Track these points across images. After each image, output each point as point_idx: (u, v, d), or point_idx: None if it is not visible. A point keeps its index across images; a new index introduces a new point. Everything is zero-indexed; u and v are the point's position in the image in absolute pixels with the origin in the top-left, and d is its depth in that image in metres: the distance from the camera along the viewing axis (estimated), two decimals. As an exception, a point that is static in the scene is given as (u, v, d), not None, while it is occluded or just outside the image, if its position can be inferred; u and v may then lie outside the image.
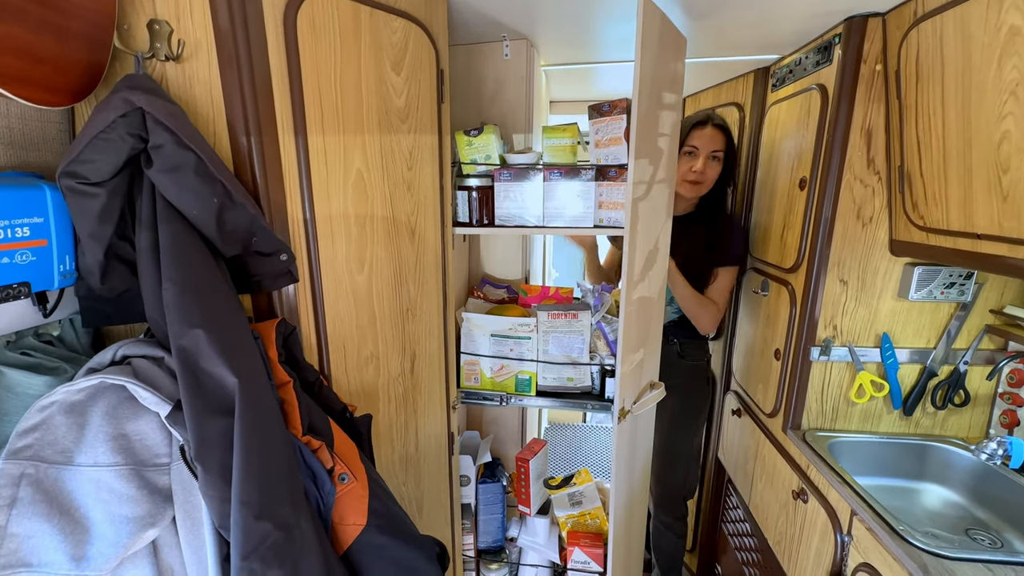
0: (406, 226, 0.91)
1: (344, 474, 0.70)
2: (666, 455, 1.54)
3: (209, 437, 0.54)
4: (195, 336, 0.55)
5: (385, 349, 0.91)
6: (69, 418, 0.55)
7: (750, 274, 1.51)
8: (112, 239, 0.60)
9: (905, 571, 0.84)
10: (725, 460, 1.68)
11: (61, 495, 0.53)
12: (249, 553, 0.53)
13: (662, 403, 1.49)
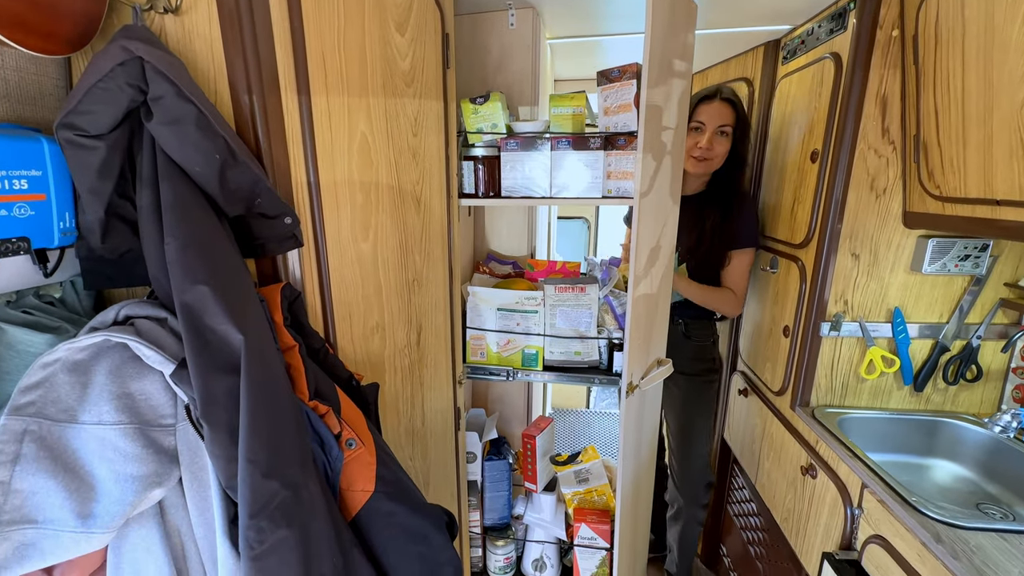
0: (412, 195, 0.89)
1: (352, 440, 0.69)
2: (683, 439, 1.50)
3: (215, 395, 0.53)
4: (199, 292, 0.53)
5: (391, 320, 0.90)
6: (72, 376, 0.54)
7: (759, 251, 1.49)
8: (112, 197, 0.59)
9: (918, 540, 0.83)
10: (731, 441, 1.67)
11: (65, 453, 0.52)
12: (257, 512, 0.53)
13: (671, 387, 1.48)
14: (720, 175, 1.38)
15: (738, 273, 1.37)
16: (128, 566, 0.55)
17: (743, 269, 1.37)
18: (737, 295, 1.37)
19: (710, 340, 1.50)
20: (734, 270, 1.37)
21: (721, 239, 1.34)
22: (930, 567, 0.80)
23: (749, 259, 1.37)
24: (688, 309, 1.44)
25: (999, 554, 0.76)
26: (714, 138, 1.30)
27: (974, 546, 0.78)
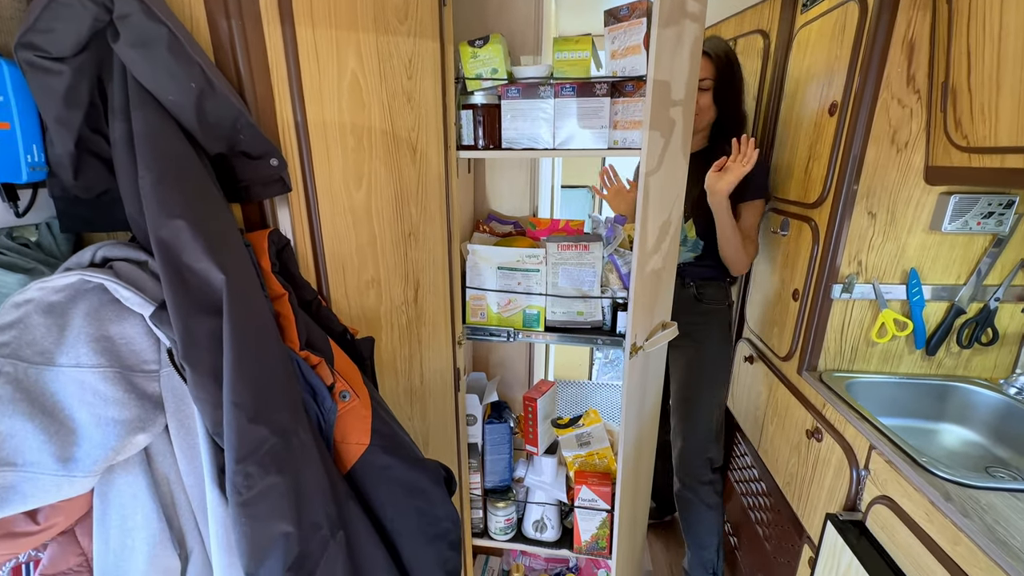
0: (407, 142, 0.85)
1: (345, 391, 0.67)
2: (685, 410, 1.45)
3: (197, 337, 0.51)
4: (176, 227, 0.50)
5: (387, 275, 0.86)
6: (48, 319, 0.51)
7: (769, 215, 1.44)
8: (83, 130, 0.55)
9: (926, 500, 0.81)
10: (734, 409, 1.65)
11: (43, 396, 0.49)
12: (245, 457, 0.51)
13: (678, 353, 1.43)
14: (719, 129, 1.34)
15: (750, 225, 1.33)
16: (115, 513, 0.53)
17: (754, 221, 1.33)
18: (752, 251, 1.34)
19: (724, 303, 1.43)
20: (748, 224, 1.32)
21: None
22: (939, 526, 0.78)
23: (759, 211, 1.34)
24: (700, 269, 1.38)
25: (1012, 512, 0.75)
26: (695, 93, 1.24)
27: (985, 504, 0.76)
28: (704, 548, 1.51)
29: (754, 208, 1.32)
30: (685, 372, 1.45)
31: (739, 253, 1.30)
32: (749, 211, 1.32)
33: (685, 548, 1.58)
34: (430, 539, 0.74)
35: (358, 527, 0.66)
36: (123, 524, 0.53)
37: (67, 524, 0.52)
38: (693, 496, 1.48)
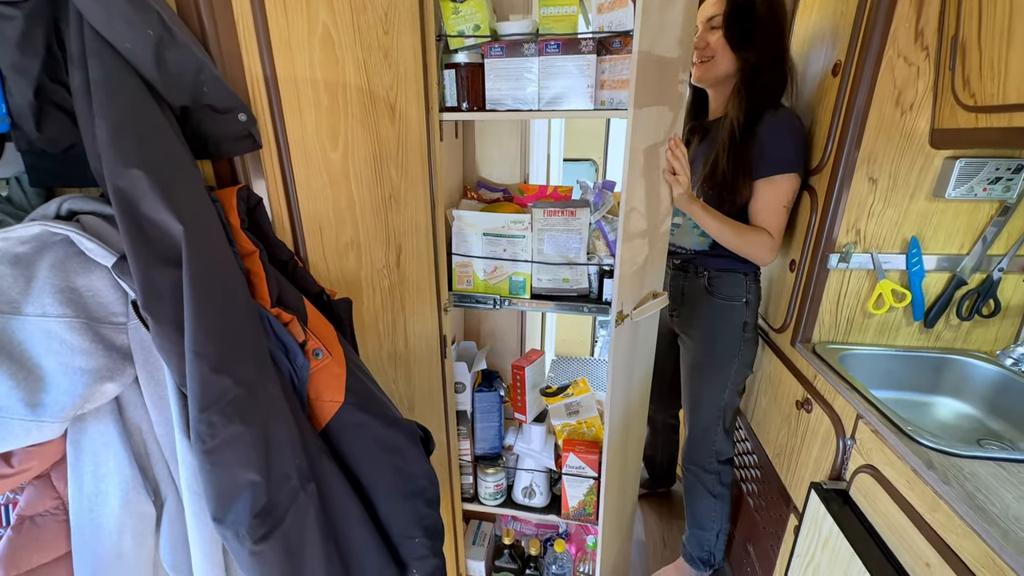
0: (385, 102, 0.83)
1: (318, 350, 0.67)
2: (689, 403, 1.40)
3: (158, 288, 0.51)
4: (132, 177, 0.49)
5: (367, 238, 0.86)
6: (15, 269, 0.52)
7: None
8: (42, 79, 0.54)
9: (908, 467, 0.80)
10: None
11: (11, 344, 0.50)
12: (208, 406, 0.51)
13: (685, 346, 1.36)
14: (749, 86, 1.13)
15: (769, 207, 1.12)
16: (88, 459, 0.55)
17: (775, 202, 1.12)
18: (774, 237, 1.13)
19: (741, 300, 1.24)
20: (763, 204, 1.12)
21: (735, 162, 1.12)
22: (919, 493, 0.78)
23: (784, 189, 1.12)
24: (713, 258, 1.24)
25: (994, 480, 0.73)
26: (706, 33, 1.12)
27: (968, 473, 0.75)
28: (703, 530, 1.50)
29: (771, 187, 1.12)
30: (690, 369, 1.37)
31: (747, 247, 1.13)
32: (764, 190, 1.13)
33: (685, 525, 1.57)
34: (407, 496, 0.75)
35: (332, 481, 0.67)
36: (96, 470, 0.55)
37: (41, 469, 0.54)
38: (696, 481, 1.45)
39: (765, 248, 1.15)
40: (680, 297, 1.35)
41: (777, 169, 1.13)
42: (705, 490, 1.45)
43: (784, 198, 1.14)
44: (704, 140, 1.29)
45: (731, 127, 1.15)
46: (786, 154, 1.12)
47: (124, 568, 0.56)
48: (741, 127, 1.14)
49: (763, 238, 1.14)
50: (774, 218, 1.14)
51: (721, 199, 1.19)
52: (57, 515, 0.55)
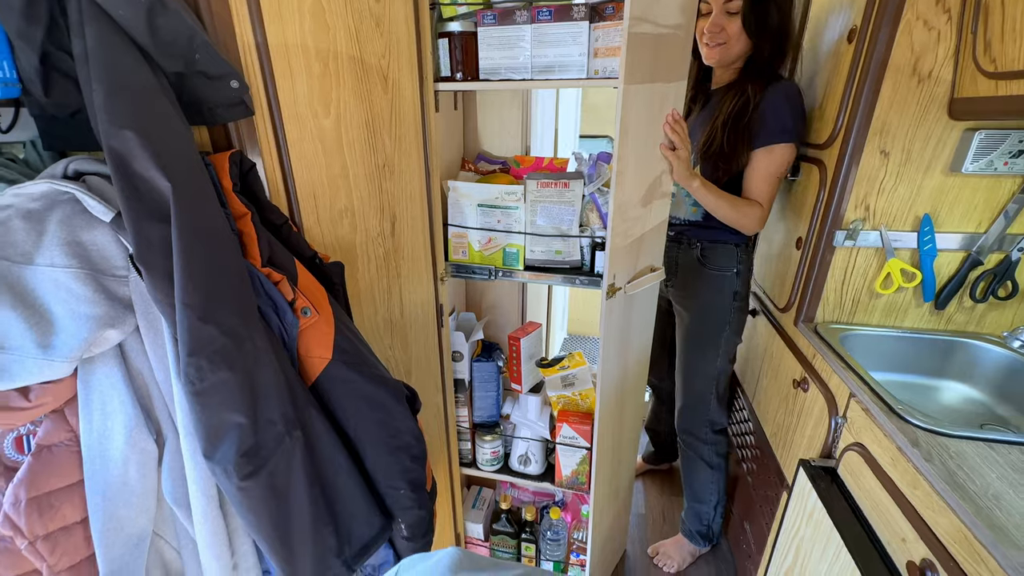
0: (377, 70, 0.84)
1: (307, 308, 0.71)
2: (683, 374, 1.42)
3: (150, 241, 0.55)
4: (124, 137, 0.53)
5: (361, 205, 0.89)
6: (28, 224, 0.57)
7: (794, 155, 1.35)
8: (47, 46, 0.58)
9: (894, 445, 0.79)
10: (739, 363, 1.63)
11: (24, 291, 0.56)
12: (195, 352, 0.56)
13: (680, 317, 1.39)
14: (752, 62, 1.16)
15: (759, 177, 1.14)
16: (96, 398, 0.60)
17: (767, 172, 1.14)
18: (763, 206, 1.15)
19: (732, 270, 1.27)
20: (755, 173, 1.14)
21: (736, 133, 1.13)
22: (901, 470, 0.77)
23: (778, 159, 1.13)
24: (705, 230, 1.26)
25: (980, 460, 0.72)
26: (722, 18, 1.10)
27: (954, 452, 0.74)
28: (701, 503, 1.52)
29: (767, 156, 1.13)
30: (684, 338, 1.40)
31: (740, 218, 1.15)
32: (759, 160, 1.14)
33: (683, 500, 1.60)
34: (392, 450, 0.79)
35: (319, 430, 0.71)
36: (103, 409, 0.61)
37: (56, 404, 0.60)
38: (693, 453, 1.47)
39: (755, 218, 1.17)
40: (674, 268, 1.36)
41: (776, 139, 1.13)
42: (702, 461, 1.47)
43: (779, 168, 1.15)
44: (705, 108, 1.26)
45: (739, 99, 1.15)
46: (785, 124, 1.12)
47: (130, 496, 0.62)
48: (751, 100, 1.14)
49: (754, 209, 1.16)
50: (767, 187, 1.16)
51: (716, 168, 1.19)
52: (71, 446, 0.61)
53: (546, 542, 1.44)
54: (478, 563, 0.38)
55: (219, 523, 0.66)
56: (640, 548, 1.72)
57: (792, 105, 1.13)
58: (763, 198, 1.16)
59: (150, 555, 0.67)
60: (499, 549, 1.48)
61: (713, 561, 1.65)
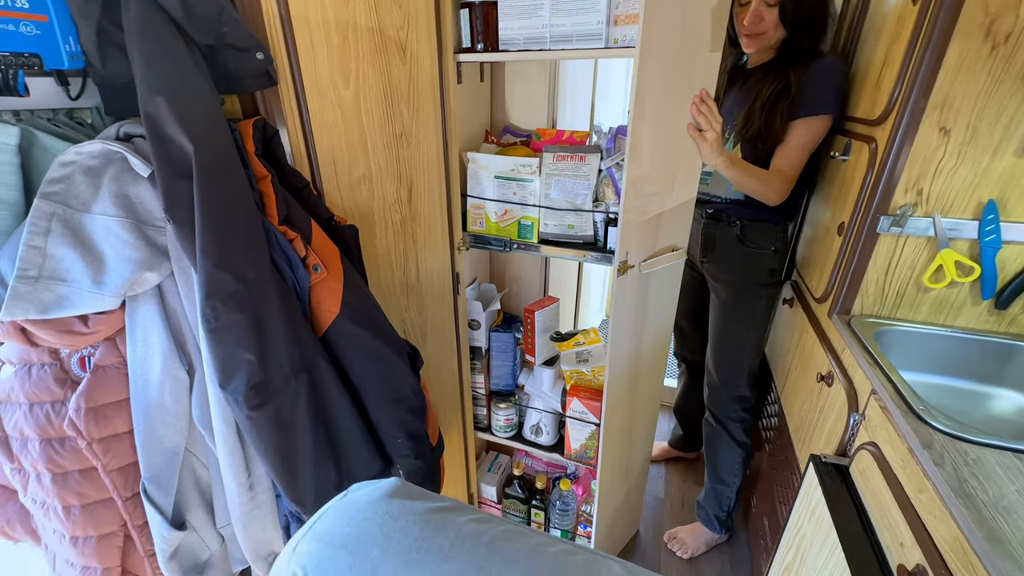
0: (395, 42, 0.88)
1: (318, 265, 0.78)
2: (715, 348, 1.42)
3: (177, 195, 0.63)
4: (157, 103, 0.61)
5: (379, 172, 0.94)
6: (87, 178, 0.67)
7: (834, 137, 1.24)
8: (103, 21, 0.67)
9: (906, 446, 0.74)
10: (769, 354, 1.55)
11: (83, 235, 0.66)
12: (211, 294, 0.64)
13: (716, 294, 1.38)
14: (791, 38, 1.13)
15: (791, 146, 1.13)
16: (139, 330, 0.71)
17: (801, 142, 1.13)
18: (784, 175, 1.14)
19: (770, 248, 1.28)
20: (788, 142, 1.13)
21: (776, 111, 1.12)
22: (910, 473, 0.72)
23: (815, 131, 1.12)
24: (746, 208, 1.26)
25: (1002, 471, 0.66)
26: (760, 9, 1.08)
27: (973, 459, 0.68)
28: (724, 485, 1.50)
29: (805, 127, 1.12)
30: (718, 314, 1.40)
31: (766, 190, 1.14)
32: (798, 129, 1.13)
33: (705, 482, 1.58)
34: (392, 401, 0.86)
35: (325, 376, 0.79)
36: (144, 340, 0.71)
37: (108, 333, 0.71)
38: (721, 429, 1.46)
39: (777, 187, 1.15)
40: (712, 245, 1.34)
41: (815, 110, 1.11)
42: (729, 438, 1.45)
43: (813, 140, 1.14)
44: (743, 87, 1.20)
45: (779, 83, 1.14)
46: (827, 95, 1.11)
47: (166, 416, 0.73)
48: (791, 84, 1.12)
49: (778, 178, 1.14)
50: (796, 156, 1.14)
51: (755, 147, 1.18)
52: (120, 369, 0.73)
53: (555, 511, 1.48)
54: (412, 493, 0.43)
55: (236, 447, 0.76)
56: (654, 531, 1.72)
57: (836, 77, 1.12)
58: (787, 167, 1.14)
59: (183, 468, 0.78)
60: (510, 512, 1.55)
61: (728, 552, 1.62)
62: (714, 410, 1.48)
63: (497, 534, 0.38)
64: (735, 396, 1.41)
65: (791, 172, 1.15)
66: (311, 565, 0.37)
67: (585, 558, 0.36)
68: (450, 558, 0.35)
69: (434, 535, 0.37)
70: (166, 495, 0.75)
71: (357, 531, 0.39)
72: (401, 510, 0.40)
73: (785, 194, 1.16)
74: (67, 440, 0.71)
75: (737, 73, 1.28)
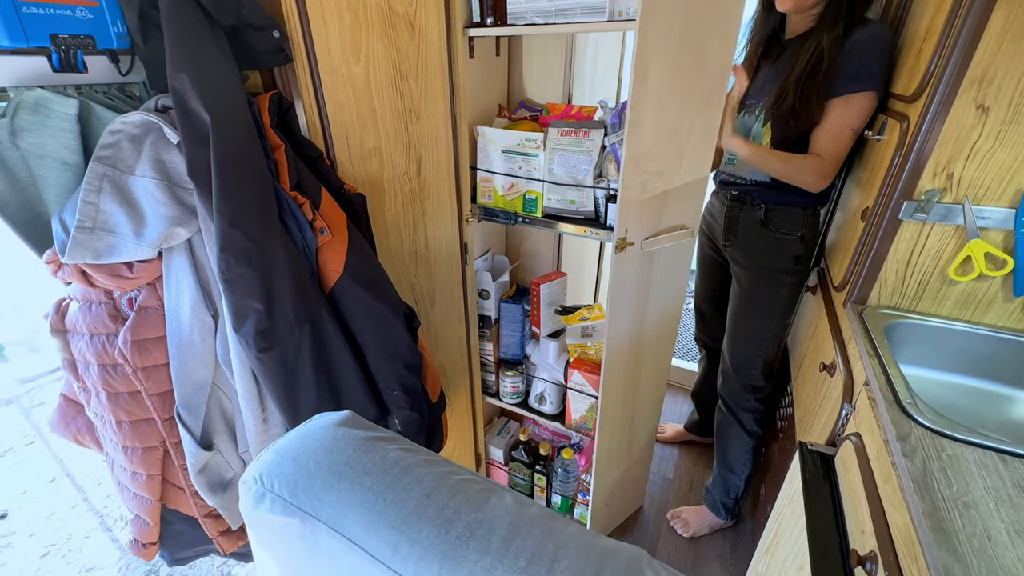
0: (404, 18, 0.92)
1: (324, 228, 0.86)
2: (732, 334, 1.38)
3: (198, 161, 0.72)
4: (181, 79, 0.69)
5: (388, 145, 1.00)
6: (132, 144, 0.78)
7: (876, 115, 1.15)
8: (144, 6, 0.76)
9: (883, 437, 0.73)
10: (791, 342, 1.50)
11: (127, 193, 0.77)
12: (224, 248, 0.73)
13: (736, 279, 1.34)
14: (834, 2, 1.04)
15: (835, 128, 1.04)
16: (173, 279, 0.83)
17: (840, 123, 1.03)
18: (825, 160, 1.06)
19: (796, 234, 1.21)
20: (829, 125, 1.04)
21: (814, 85, 1.03)
22: (881, 463, 0.71)
23: (856, 109, 1.02)
24: (772, 191, 1.19)
25: (977, 469, 0.64)
26: None
27: (948, 454, 0.66)
28: (732, 473, 1.50)
29: (843, 107, 1.03)
30: (738, 299, 1.36)
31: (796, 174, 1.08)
32: (836, 110, 1.04)
33: (713, 468, 1.57)
34: (388, 356, 0.94)
35: (328, 329, 0.88)
36: (177, 286, 0.83)
37: (149, 279, 0.83)
38: (732, 418, 1.44)
39: (814, 172, 1.07)
40: (735, 228, 1.29)
41: (856, 86, 1.02)
42: (740, 427, 1.43)
43: (856, 120, 1.04)
44: (779, 60, 1.12)
45: (815, 52, 1.04)
46: (870, 69, 1.01)
47: (195, 352, 0.85)
48: (832, 49, 1.03)
49: (812, 162, 1.07)
50: (836, 140, 1.05)
51: (787, 127, 1.10)
52: (159, 310, 0.85)
53: (557, 478, 1.55)
54: (359, 424, 0.49)
55: (252, 385, 0.87)
56: (659, 508, 1.75)
57: (882, 49, 1.01)
58: (828, 151, 1.06)
59: (211, 399, 0.91)
60: (515, 475, 1.63)
61: (731, 536, 1.62)
62: (726, 398, 1.45)
63: (416, 461, 0.44)
64: (748, 385, 1.38)
65: (830, 157, 1.06)
66: (265, 470, 0.45)
67: (482, 487, 0.42)
68: (367, 473, 0.42)
69: (362, 456, 0.44)
70: (196, 420, 0.88)
71: (304, 447, 0.46)
72: (344, 435, 0.47)
73: (824, 180, 1.09)
74: (119, 366, 0.85)
75: (773, 44, 1.18)
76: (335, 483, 0.42)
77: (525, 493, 1.66)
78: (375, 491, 0.40)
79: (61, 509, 1.81)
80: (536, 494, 1.63)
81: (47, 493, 1.89)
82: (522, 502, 0.41)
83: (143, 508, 0.94)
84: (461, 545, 0.36)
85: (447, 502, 0.39)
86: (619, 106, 1.01)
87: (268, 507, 0.44)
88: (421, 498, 0.40)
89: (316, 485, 0.42)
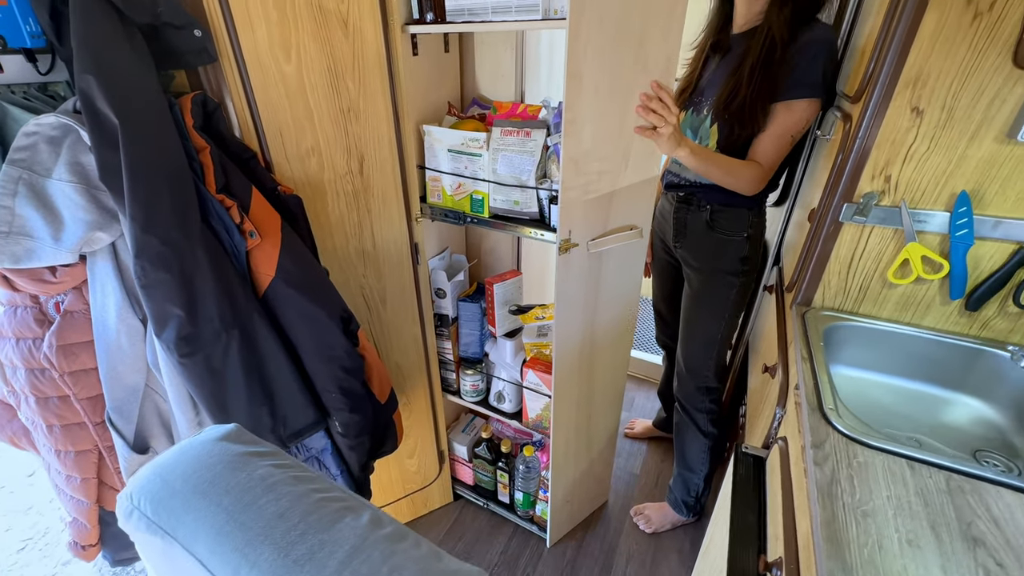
0: (336, 15, 0.90)
1: (253, 231, 0.85)
2: (684, 336, 1.37)
3: (109, 164, 0.71)
4: (87, 80, 0.68)
5: (327, 145, 0.98)
6: (49, 147, 0.76)
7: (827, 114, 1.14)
8: (57, 4, 0.74)
9: (800, 443, 0.73)
10: (753, 341, 1.50)
11: (45, 197, 0.76)
12: (139, 254, 0.72)
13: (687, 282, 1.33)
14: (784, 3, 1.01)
15: (775, 135, 1.04)
16: (97, 283, 0.82)
17: (781, 129, 1.03)
18: (764, 167, 1.06)
19: (742, 235, 1.20)
20: (771, 130, 1.04)
21: (762, 86, 1.01)
22: (797, 469, 0.71)
23: (796, 116, 1.02)
24: (716, 192, 1.16)
25: (884, 476, 0.64)
26: None
27: (860, 462, 0.66)
28: (692, 472, 1.51)
29: (788, 112, 1.02)
30: (688, 301, 1.34)
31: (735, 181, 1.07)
32: (779, 116, 1.03)
33: (674, 467, 1.59)
34: (325, 360, 0.93)
35: (260, 332, 0.87)
36: (102, 290, 0.82)
37: (74, 283, 0.82)
38: (688, 419, 1.45)
39: (750, 179, 1.07)
40: (683, 229, 1.28)
41: (800, 93, 1.01)
42: (696, 429, 1.44)
43: (796, 127, 1.04)
44: (726, 57, 1.10)
45: (767, 43, 1.02)
46: (814, 76, 0.99)
47: (123, 357, 0.85)
48: (782, 43, 1.00)
49: (750, 169, 1.06)
50: (774, 147, 1.05)
51: (732, 130, 1.08)
52: (86, 314, 0.84)
53: (519, 475, 1.56)
54: (242, 438, 0.49)
55: (181, 388, 0.87)
56: (624, 504, 1.76)
57: (827, 55, 1.00)
58: (766, 158, 1.06)
59: (147, 403, 0.91)
60: (479, 471, 1.64)
61: (692, 532, 1.64)
62: (682, 399, 1.45)
63: (283, 479, 0.44)
64: (702, 387, 1.38)
65: (767, 163, 1.06)
66: (136, 486, 0.45)
67: (342, 506, 0.41)
68: (228, 492, 0.42)
69: (229, 474, 0.44)
70: (128, 424, 0.88)
71: (178, 463, 0.46)
72: (220, 450, 0.47)
73: (759, 187, 1.09)
74: (46, 371, 0.84)
75: (718, 43, 1.16)
76: (195, 502, 0.42)
77: (488, 489, 1.68)
78: (230, 512, 0.40)
79: (39, 503, 1.82)
80: (499, 490, 1.64)
81: (25, 488, 1.89)
82: (377, 522, 0.41)
83: (80, 511, 0.94)
84: (296, 569, 0.36)
85: (297, 523, 0.39)
86: (560, 105, 1.00)
87: (135, 524, 0.43)
88: (273, 519, 0.39)
89: (177, 504, 0.42)
